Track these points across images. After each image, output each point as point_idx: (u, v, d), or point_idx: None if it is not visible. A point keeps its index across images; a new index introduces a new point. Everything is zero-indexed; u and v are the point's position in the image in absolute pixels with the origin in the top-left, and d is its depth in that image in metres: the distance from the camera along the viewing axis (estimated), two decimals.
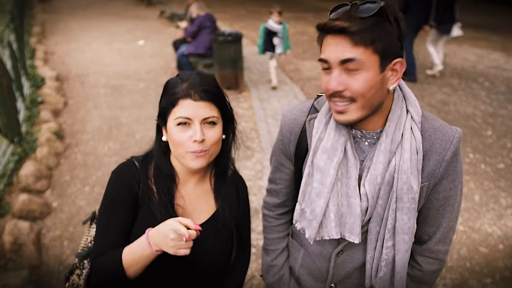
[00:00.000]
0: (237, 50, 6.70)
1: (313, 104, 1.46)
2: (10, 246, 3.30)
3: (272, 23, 6.56)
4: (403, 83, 1.33)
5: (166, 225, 1.24)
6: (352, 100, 1.18)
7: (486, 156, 4.90)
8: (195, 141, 1.33)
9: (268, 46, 6.71)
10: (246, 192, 1.65)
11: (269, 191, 1.64)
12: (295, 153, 1.47)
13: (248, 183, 1.67)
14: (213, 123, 1.38)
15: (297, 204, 1.43)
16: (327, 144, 1.31)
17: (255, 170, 4.50)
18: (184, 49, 7.14)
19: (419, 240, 1.48)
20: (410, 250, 1.36)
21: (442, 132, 1.30)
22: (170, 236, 1.22)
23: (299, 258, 1.60)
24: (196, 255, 1.45)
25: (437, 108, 6.24)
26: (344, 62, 1.15)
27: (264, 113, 5.97)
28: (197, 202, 1.52)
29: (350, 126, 1.32)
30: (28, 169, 4.18)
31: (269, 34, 6.64)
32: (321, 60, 1.20)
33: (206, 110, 1.36)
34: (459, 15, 7.09)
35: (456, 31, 7.23)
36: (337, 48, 1.15)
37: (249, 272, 3.12)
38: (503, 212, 3.89)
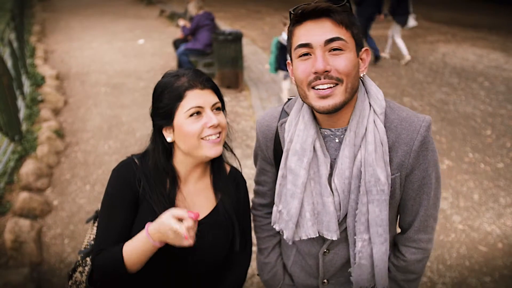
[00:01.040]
0: (237, 49, 6.72)
1: (283, 108, 1.49)
2: (11, 244, 3.31)
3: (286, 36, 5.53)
4: (366, 77, 1.35)
5: (164, 225, 1.26)
6: (338, 80, 1.19)
7: (485, 156, 4.91)
8: (211, 126, 1.37)
9: (281, 63, 5.71)
10: (246, 187, 1.67)
11: (256, 192, 1.68)
12: (274, 157, 1.50)
13: (248, 182, 1.69)
14: (219, 109, 1.45)
15: (274, 206, 1.46)
16: (296, 146, 1.34)
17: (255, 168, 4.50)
18: (184, 48, 7.17)
19: (401, 229, 1.50)
20: (387, 242, 1.37)
21: (408, 122, 1.30)
22: (170, 236, 1.25)
23: (291, 256, 1.62)
24: (196, 250, 1.46)
25: (436, 108, 6.25)
26: (330, 41, 1.18)
27: (264, 112, 5.97)
28: (197, 197, 1.53)
29: (318, 125, 1.35)
30: (28, 167, 4.19)
31: (282, 49, 5.60)
32: (300, 46, 1.21)
33: (212, 96, 1.42)
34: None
35: (412, 22, 8.06)
36: (320, 30, 1.19)
37: (249, 270, 3.13)
38: (502, 211, 3.90)
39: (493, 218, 3.81)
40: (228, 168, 1.63)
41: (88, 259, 1.57)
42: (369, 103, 1.32)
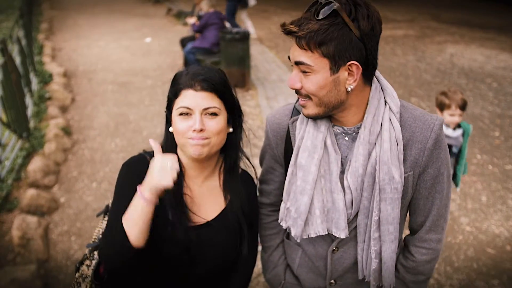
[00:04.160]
0: (244, 49, 6.71)
1: (294, 106, 1.49)
2: (18, 241, 3.33)
3: (444, 128, 3.19)
4: (379, 75, 1.35)
5: (152, 163, 1.34)
6: (307, 97, 1.26)
7: (493, 157, 4.87)
8: (194, 130, 1.36)
9: None
10: (255, 188, 1.66)
11: (260, 191, 1.68)
12: (284, 155, 1.50)
13: (255, 181, 1.68)
14: (215, 114, 1.40)
15: (282, 203, 1.46)
16: (307, 142, 1.35)
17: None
18: (191, 46, 7.18)
19: (411, 230, 1.49)
20: (397, 240, 1.37)
21: (422, 120, 1.31)
22: (155, 174, 1.30)
23: (297, 258, 1.62)
24: (205, 251, 1.45)
25: None
26: (297, 64, 1.24)
27: (271, 111, 5.97)
28: (205, 198, 1.52)
29: (330, 122, 1.36)
30: (36, 164, 4.21)
31: None
32: (288, 58, 1.29)
33: (207, 100, 1.38)
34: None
35: (252, 1, 9.54)
36: (293, 50, 1.24)
37: (255, 269, 3.13)
38: (510, 214, 3.87)
39: (501, 220, 3.78)
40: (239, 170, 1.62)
41: (95, 252, 1.57)
42: (385, 101, 1.32)
